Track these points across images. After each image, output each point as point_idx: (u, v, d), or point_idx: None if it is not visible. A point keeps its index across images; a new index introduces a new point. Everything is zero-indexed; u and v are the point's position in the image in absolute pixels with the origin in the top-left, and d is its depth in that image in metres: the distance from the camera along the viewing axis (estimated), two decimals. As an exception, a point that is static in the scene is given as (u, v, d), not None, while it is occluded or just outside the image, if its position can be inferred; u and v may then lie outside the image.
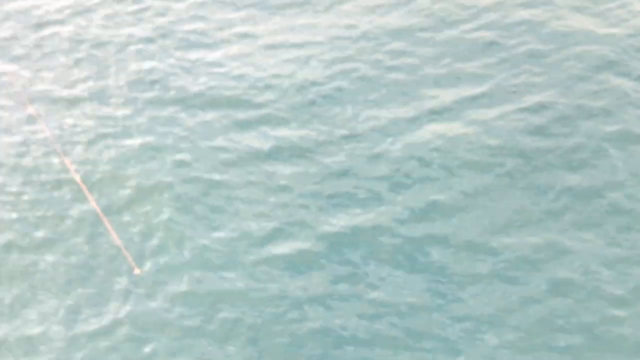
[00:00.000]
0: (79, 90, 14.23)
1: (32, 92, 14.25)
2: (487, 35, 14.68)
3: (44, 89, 14.32)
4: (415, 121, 13.24)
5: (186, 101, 13.89)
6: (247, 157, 12.90)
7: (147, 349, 10.73)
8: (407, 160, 12.64)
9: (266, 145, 13.05)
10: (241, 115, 13.57)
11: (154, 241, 11.86)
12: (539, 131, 12.93)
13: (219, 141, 13.18)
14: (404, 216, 11.94)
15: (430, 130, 13.05)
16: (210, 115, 13.60)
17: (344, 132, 13.16)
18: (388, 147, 12.86)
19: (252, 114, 13.58)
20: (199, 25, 15.41)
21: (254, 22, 15.38)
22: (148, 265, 11.57)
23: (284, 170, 12.67)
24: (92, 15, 15.78)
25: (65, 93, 14.20)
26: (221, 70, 14.40)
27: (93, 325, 11.02)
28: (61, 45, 15.18)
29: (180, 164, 12.86)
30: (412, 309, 10.92)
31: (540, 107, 13.28)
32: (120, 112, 13.75)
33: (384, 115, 13.37)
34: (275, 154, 12.92)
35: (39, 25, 15.67)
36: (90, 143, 13.31)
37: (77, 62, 14.77)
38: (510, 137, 12.87)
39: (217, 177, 12.64)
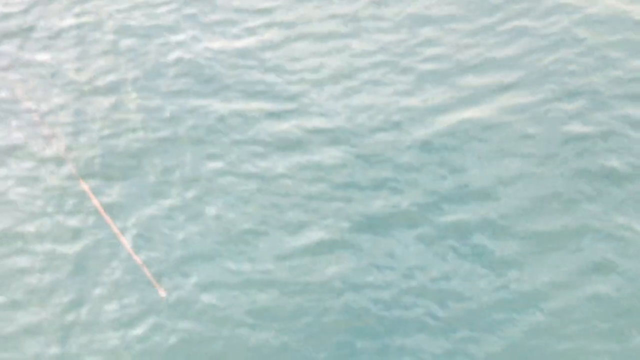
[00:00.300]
0: (108, 80, 14.24)
1: (55, 82, 14.31)
2: (521, 22, 14.61)
3: (73, 78, 14.35)
4: (449, 108, 13.21)
5: (218, 91, 13.90)
6: (280, 148, 12.88)
7: (176, 338, 10.73)
8: (442, 148, 12.61)
9: (300, 135, 13.04)
10: (274, 105, 13.56)
11: (184, 231, 11.86)
12: (574, 116, 12.87)
13: (252, 132, 13.18)
14: (439, 203, 11.91)
15: (465, 117, 13.01)
16: (242, 106, 13.59)
17: (378, 120, 13.14)
18: (423, 134, 12.83)
19: (286, 104, 13.57)
20: (232, 14, 15.40)
21: (287, 11, 15.37)
22: (178, 254, 11.56)
23: (318, 159, 12.66)
24: (121, 4, 15.80)
25: (97, 82, 14.21)
26: (254, 60, 14.40)
27: (122, 313, 11.05)
28: (89, 34, 15.19)
29: (211, 156, 12.86)
30: (448, 295, 10.89)
31: (576, 93, 13.21)
32: (150, 103, 13.76)
33: (418, 104, 13.34)
34: (309, 143, 12.91)
35: (70, 15, 15.72)
36: (118, 134, 13.32)
37: (107, 52, 14.78)
38: (546, 122, 12.82)
39: (250, 168, 12.63)
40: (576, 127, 12.68)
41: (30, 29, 15.45)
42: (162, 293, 11.05)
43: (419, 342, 10.49)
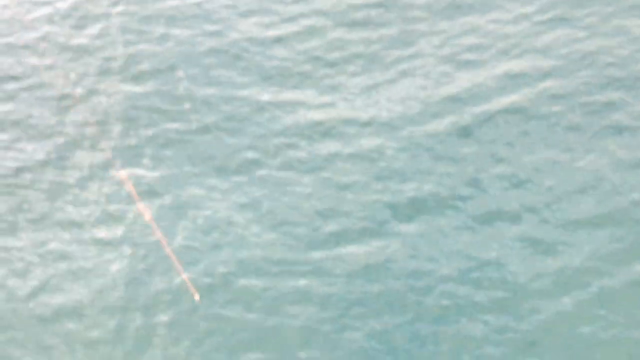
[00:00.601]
0: (146, 68, 14.27)
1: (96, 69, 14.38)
2: (561, 10, 14.52)
3: (111, 64, 14.40)
4: (488, 97, 13.16)
5: (256, 80, 13.89)
6: (317, 137, 12.85)
7: (210, 322, 10.76)
8: (481, 136, 12.58)
9: (337, 125, 13.04)
10: (312, 94, 13.56)
11: (221, 218, 11.88)
12: (615, 106, 12.78)
13: (289, 120, 13.17)
14: (478, 191, 11.88)
15: (505, 105, 12.96)
16: (280, 95, 13.58)
17: (416, 109, 13.10)
18: (461, 123, 12.79)
19: (324, 93, 13.56)
20: (269, 3, 15.39)
21: None
22: (218, 255, 11.55)
23: (355, 148, 12.66)
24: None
25: (135, 69, 14.24)
26: (291, 49, 14.39)
27: (158, 297, 11.11)
28: (130, 22, 15.23)
29: (249, 144, 12.86)
30: (488, 282, 10.87)
31: (617, 83, 13.12)
32: (188, 91, 13.77)
33: (457, 92, 13.31)
34: (347, 132, 12.91)
35: (112, 2, 15.78)
36: (156, 121, 13.35)
37: (145, 40, 14.81)
38: (586, 112, 12.75)
39: (286, 156, 12.62)
40: (617, 117, 12.61)
41: (73, 15, 15.52)
42: (197, 297, 11.11)
43: (458, 328, 10.48)
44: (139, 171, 12.59)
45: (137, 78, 14.09)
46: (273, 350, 10.52)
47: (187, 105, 13.55)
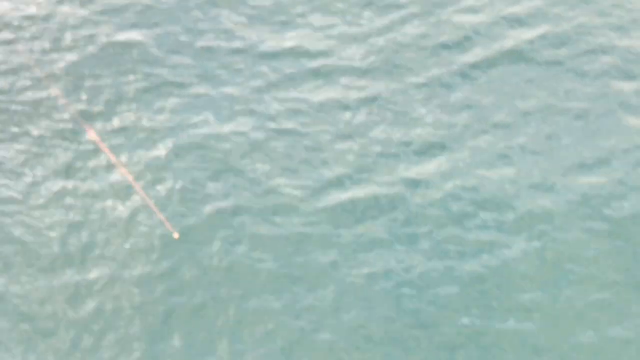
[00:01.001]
0: (144, 15, 14.03)
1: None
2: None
3: (108, 14, 14.15)
4: (487, 38, 13.19)
5: (255, 28, 13.75)
6: (324, 109, 12.70)
7: (225, 291, 10.70)
8: (482, 78, 12.64)
9: (339, 70, 13.01)
10: (312, 41, 13.47)
11: (228, 184, 11.77)
12: (615, 45, 12.81)
13: (296, 92, 13.09)
14: (477, 133, 11.99)
15: (502, 47, 13.01)
16: (291, 69, 13.41)
17: (417, 53, 13.11)
18: (461, 65, 12.82)
19: (323, 41, 13.45)
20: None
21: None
22: (223, 201, 11.49)
23: (359, 92, 12.64)
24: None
25: (131, 18, 14.01)
26: (307, 23, 14.26)
27: (136, 251, 11.10)
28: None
29: (253, 113, 12.70)
30: (488, 222, 10.96)
31: (614, 24, 13.13)
32: (185, 40, 13.64)
33: (455, 35, 13.31)
34: (350, 77, 12.88)
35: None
36: (152, 70, 13.20)
37: (161, 19, 14.52)
38: (585, 51, 12.82)
39: (291, 125, 12.51)
40: (617, 60, 12.67)
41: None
42: (176, 235, 11.04)
43: (463, 267, 10.62)
44: (139, 119, 12.50)
45: (136, 27, 13.93)
46: (282, 293, 10.55)
47: (185, 55, 13.44)
